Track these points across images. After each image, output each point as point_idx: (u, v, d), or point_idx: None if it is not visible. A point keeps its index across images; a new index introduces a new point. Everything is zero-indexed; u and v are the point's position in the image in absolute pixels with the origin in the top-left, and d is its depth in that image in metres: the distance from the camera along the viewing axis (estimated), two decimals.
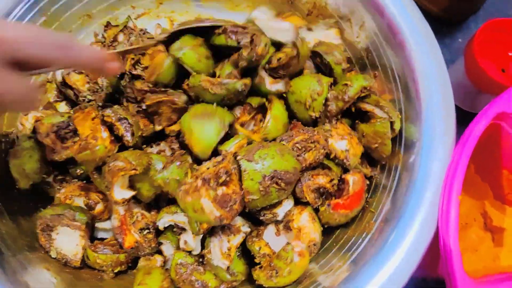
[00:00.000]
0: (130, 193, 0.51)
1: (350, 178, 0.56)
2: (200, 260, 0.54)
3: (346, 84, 0.56)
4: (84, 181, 0.58)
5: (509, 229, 0.60)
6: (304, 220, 0.54)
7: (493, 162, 0.60)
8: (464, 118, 0.59)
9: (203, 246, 0.53)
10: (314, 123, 0.59)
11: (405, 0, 0.58)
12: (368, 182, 0.59)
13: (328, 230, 0.58)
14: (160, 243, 0.55)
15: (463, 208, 0.64)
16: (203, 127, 0.51)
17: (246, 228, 0.53)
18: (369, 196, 0.58)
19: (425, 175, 0.51)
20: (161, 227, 0.53)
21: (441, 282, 0.50)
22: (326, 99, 0.56)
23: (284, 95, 0.58)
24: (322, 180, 0.55)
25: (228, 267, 0.51)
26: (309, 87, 0.56)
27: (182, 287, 0.52)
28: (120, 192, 0.51)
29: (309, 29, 0.66)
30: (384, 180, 0.57)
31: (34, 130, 0.54)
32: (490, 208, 0.62)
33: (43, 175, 0.54)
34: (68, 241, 0.53)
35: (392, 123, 0.55)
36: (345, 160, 0.56)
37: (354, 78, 0.56)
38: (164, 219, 0.52)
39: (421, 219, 0.49)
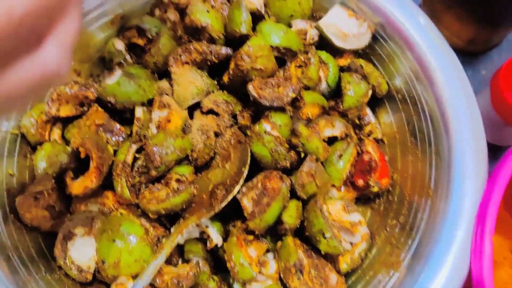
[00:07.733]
0: None
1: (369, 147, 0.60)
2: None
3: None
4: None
5: None
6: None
7: None
8: (490, 151, 0.58)
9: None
10: None
11: (433, 34, 0.58)
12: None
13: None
14: (188, 260, 0.55)
15: None
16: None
17: None
18: (397, 230, 0.57)
19: (456, 213, 0.50)
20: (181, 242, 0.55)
21: None
22: None
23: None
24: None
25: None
26: None
27: None
28: None
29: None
30: (411, 218, 0.56)
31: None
32: None
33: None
34: (82, 253, 0.53)
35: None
36: None
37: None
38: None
39: (453, 259, 0.48)
